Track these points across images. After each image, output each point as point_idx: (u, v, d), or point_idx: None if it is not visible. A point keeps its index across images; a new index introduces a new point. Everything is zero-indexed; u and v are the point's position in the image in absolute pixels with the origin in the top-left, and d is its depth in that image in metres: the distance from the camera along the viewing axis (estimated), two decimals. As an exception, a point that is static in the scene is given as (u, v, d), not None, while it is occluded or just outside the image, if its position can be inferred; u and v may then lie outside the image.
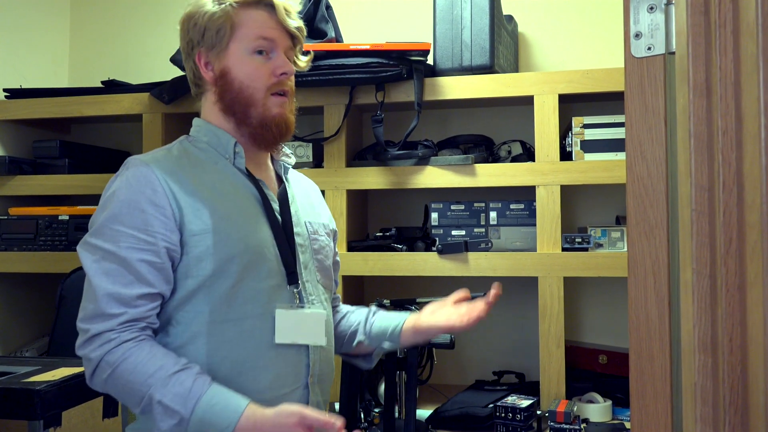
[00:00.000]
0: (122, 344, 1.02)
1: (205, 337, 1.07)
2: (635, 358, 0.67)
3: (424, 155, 1.88)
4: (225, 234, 1.09)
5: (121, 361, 1.01)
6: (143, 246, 1.05)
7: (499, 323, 2.10)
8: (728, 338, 0.52)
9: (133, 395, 1.01)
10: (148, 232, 1.05)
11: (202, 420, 0.99)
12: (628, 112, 0.67)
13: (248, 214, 1.14)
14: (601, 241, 1.85)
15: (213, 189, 1.12)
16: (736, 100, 0.51)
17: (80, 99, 2.10)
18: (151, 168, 1.09)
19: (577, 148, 1.81)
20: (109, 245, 1.05)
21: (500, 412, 1.60)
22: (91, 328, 1.03)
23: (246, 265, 1.09)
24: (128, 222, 1.05)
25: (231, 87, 1.15)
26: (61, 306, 1.92)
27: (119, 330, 1.02)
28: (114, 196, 1.08)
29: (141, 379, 1.00)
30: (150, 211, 1.06)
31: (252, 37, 1.15)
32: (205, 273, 1.07)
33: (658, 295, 0.65)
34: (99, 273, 1.04)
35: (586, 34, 2.09)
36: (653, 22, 0.66)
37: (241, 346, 1.08)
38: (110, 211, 1.07)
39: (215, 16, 1.14)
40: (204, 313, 1.07)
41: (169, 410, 0.98)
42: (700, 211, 0.55)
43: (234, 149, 1.16)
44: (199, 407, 0.99)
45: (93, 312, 1.03)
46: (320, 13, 1.95)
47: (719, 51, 0.53)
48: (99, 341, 1.02)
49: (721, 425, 0.53)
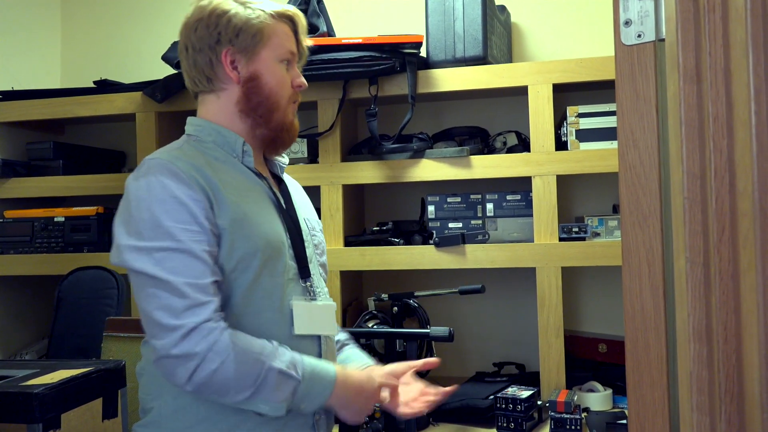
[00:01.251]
0: (225, 331, 1.03)
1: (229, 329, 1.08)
2: (631, 348, 0.66)
3: (419, 148, 1.87)
4: (247, 230, 1.10)
5: (232, 346, 1.02)
6: (201, 237, 1.05)
7: (498, 315, 2.10)
8: (723, 327, 0.51)
9: (249, 376, 1.02)
10: (199, 223, 1.05)
11: (310, 382, 1.07)
12: (619, 100, 0.67)
13: (265, 211, 1.16)
14: (598, 230, 1.84)
15: (231, 186, 1.13)
16: (726, 86, 0.51)
17: (73, 99, 2.09)
18: (176, 165, 1.08)
19: (573, 137, 1.81)
20: (168, 242, 1.03)
21: (501, 403, 1.60)
22: (185, 322, 1.00)
23: (266, 260, 1.12)
24: (177, 217, 1.04)
25: (261, 91, 1.18)
26: (59, 308, 1.92)
27: (216, 318, 1.03)
28: (150, 197, 1.06)
29: (254, 357, 1.03)
30: (191, 204, 1.05)
31: (283, 48, 1.20)
32: (229, 267, 1.09)
33: (653, 284, 0.64)
34: (168, 271, 1.02)
35: (580, 23, 2.08)
36: (643, 9, 0.66)
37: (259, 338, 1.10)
38: (153, 212, 1.04)
39: (253, 21, 1.17)
40: (227, 307, 1.09)
41: (287, 376, 1.05)
42: (692, 199, 0.55)
43: (243, 148, 1.19)
44: (306, 370, 1.07)
45: (183, 305, 1.01)
46: (312, 8, 1.94)
47: (708, 37, 0.52)
48: (200, 333, 1.01)
49: (716, 413, 0.53)
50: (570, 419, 1.55)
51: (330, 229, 1.90)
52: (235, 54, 1.17)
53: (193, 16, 1.19)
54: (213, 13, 1.17)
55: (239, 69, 1.18)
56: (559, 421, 1.56)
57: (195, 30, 1.18)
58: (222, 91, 1.19)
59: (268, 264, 1.12)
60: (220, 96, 1.20)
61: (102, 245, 2.04)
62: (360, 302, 2.10)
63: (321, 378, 1.09)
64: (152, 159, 1.11)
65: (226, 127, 1.19)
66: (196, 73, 1.20)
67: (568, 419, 1.55)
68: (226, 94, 1.19)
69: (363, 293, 2.15)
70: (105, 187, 2.06)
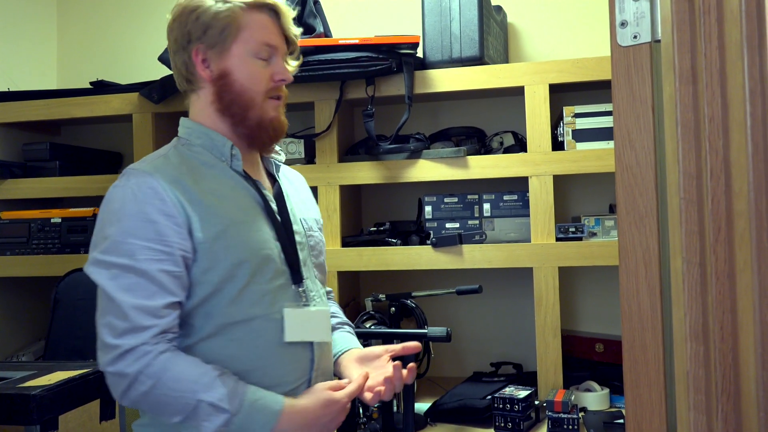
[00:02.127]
0: (160, 355, 1.03)
1: (215, 338, 1.09)
2: (628, 347, 0.67)
3: (416, 149, 1.87)
4: (232, 240, 1.09)
5: (162, 371, 1.02)
6: (161, 257, 1.05)
7: (495, 315, 2.10)
8: (719, 326, 0.52)
9: (178, 403, 1.02)
10: (164, 242, 1.05)
11: (248, 415, 1.03)
12: (616, 102, 0.67)
13: (251, 217, 1.14)
14: (594, 230, 1.85)
15: (215, 194, 1.11)
16: (721, 87, 0.51)
17: (69, 100, 2.09)
18: (155, 177, 1.08)
19: (569, 137, 1.81)
20: (125, 260, 1.04)
21: (498, 403, 1.60)
22: (123, 343, 1.02)
23: (254, 268, 1.10)
24: (142, 234, 1.05)
25: (231, 88, 1.14)
26: (56, 309, 1.91)
27: (153, 342, 1.03)
28: (122, 210, 1.06)
29: (186, 386, 1.02)
30: (162, 221, 1.05)
31: (256, 41, 1.15)
32: (216, 279, 1.08)
33: (650, 284, 0.65)
34: (119, 289, 1.04)
35: (576, 23, 2.08)
36: (638, 10, 0.66)
37: (250, 345, 1.10)
38: (121, 226, 1.05)
39: (221, 15, 1.12)
40: (214, 316, 1.09)
41: (218, 409, 1.02)
42: (688, 200, 0.55)
43: (231, 152, 1.16)
44: (244, 404, 1.03)
45: (124, 327, 1.03)
46: (308, 9, 1.94)
47: (704, 38, 0.53)
48: (134, 355, 1.02)
49: (714, 412, 0.53)
50: (567, 419, 1.55)
51: (327, 229, 1.90)
52: (205, 51, 1.14)
53: (172, 16, 1.17)
54: (185, 11, 1.14)
55: (211, 67, 1.15)
56: (556, 421, 1.56)
57: (172, 31, 1.16)
58: (201, 90, 1.17)
59: (257, 271, 1.11)
60: (200, 95, 1.18)
61: (99, 246, 2.04)
62: (357, 303, 2.10)
63: (263, 411, 1.05)
64: (133, 169, 1.11)
65: (213, 128, 1.17)
66: (178, 74, 1.18)
67: (565, 419, 1.55)
68: (204, 93, 1.17)
69: (360, 294, 2.16)
70: (102, 188, 2.05)
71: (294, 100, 1.95)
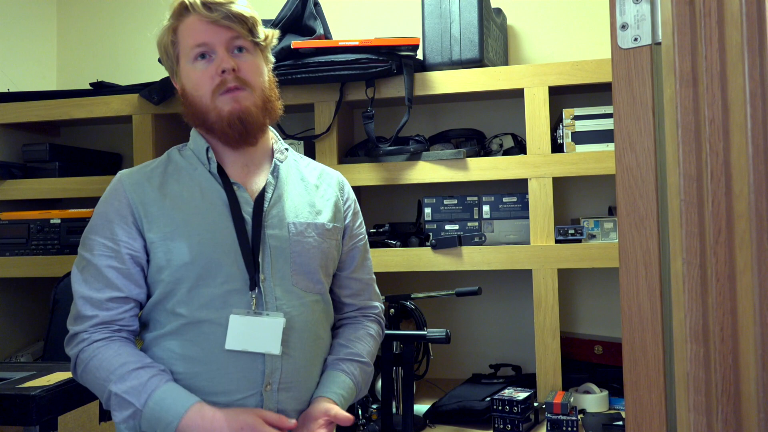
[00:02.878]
0: (93, 343, 1.11)
1: (172, 335, 1.14)
2: (628, 349, 0.67)
3: (415, 150, 1.87)
4: (180, 241, 1.14)
5: (90, 358, 1.11)
6: (109, 253, 1.15)
7: (494, 316, 2.11)
8: (719, 328, 0.52)
9: (99, 390, 1.11)
10: (114, 240, 1.15)
11: (153, 412, 1.06)
12: (616, 104, 0.67)
13: (209, 220, 1.16)
14: (594, 232, 1.85)
15: (176, 198, 1.18)
16: (722, 90, 0.51)
17: (69, 101, 2.09)
18: (121, 181, 1.20)
19: (569, 139, 1.81)
20: (87, 254, 1.16)
21: (497, 405, 1.60)
22: (71, 329, 1.14)
23: (201, 270, 1.13)
24: (100, 232, 1.16)
25: (188, 101, 1.21)
26: (55, 310, 1.91)
27: (92, 331, 1.12)
28: (95, 209, 1.20)
29: (104, 375, 1.09)
30: (116, 220, 1.16)
31: (188, 47, 1.17)
32: (167, 279, 1.14)
33: (650, 285, 0.65)
34: (80, 280, 1.15)
35: (576, 26, 2.09)
36: (639, 12, 0.66)
37: (197, 348, 1.12)
38: (90, 223, 1.19)
39: (162, 42, 1.22)
40: (171, 314, 1.14)
41: (124, 402, 1.07)
42: (689, 201, 0.55)
43: (207, 155, 1.21)
44: (151, 400, 1.06)
45: (74, 314, 1.15)
46: (308, 10, 1.94)
47: (704, 41, 0.53)
48: (75, 341, 1.13)
49: (714, 414, 0.53)
50: (566, 421, 1.55)
51: (327, 231, 1.90)
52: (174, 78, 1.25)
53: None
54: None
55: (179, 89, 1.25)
56: (555, 423, 1.56)
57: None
58: None
59: (205, 274, 1.13)
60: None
61: (98, 247, 2.04)
62: (357, 304, 2.10)
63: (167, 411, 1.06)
64: (119, 172, 1.24)
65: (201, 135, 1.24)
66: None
67: (564, 421, 1.55)
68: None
69: (360, 295, 2.15)
70: (101, 189, 2.03)
71: (294, 101, 1.96)
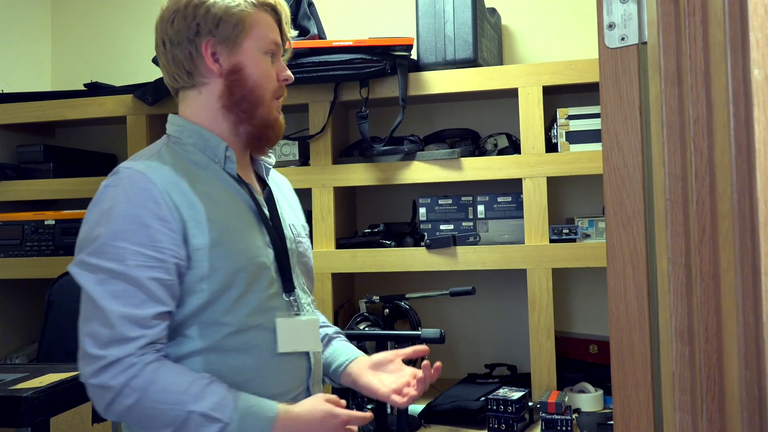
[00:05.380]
0: (146, 367, 0.98)
1: (210, 349, 1.06)
2: (616, 348, 0.67)
3: (410, 150, 1.87)
4: (228, 247, 1.06)
5: (149, 384, 0.97)
6: (153, 263, 1.00)
7: (489, 316, 2.11)
8: (704, 327, 0.52)
9: (165, 416, 0.98)
10: (157, 248, 1.00)
11: (242, 423, 1.00)
12: (604, 103, 0.67)
13: (245, 224, 1.11)
14: (588, 232, 1.85)
15: (210, 198, 1.07)
16: (706, 89, 0.52)
17: (63, 102, 2.09)
18: (150, 178, 1.03)
19: (563, 139, 1.81)
20: (114, 264, 0.99)
21: (492, 404, 1.60)
22: (108, 354, 0.97)
23: (251, 277, 1.07)
24: (133, 239, 0.99)
25: (244, 83, 1.11)
26: (50, 311, 1.91)
27: (139, 354, 0.98)
28: (112, 211, 1.01)
29: (174, 397, 0.98)
30: (155, 225, 1.00)
31: (266, 39, 1.13)
32: (213, 287, 1.04)
33: (637, 285, 0.65)
34: (106, 295, 0.98)
35: (570, 25, 2.09)
36: (626, 12, 0.66)
37: (245, 356, 1.07)
38: (110, 228, 1.00)
39: (234, 9, 1.10)
40: (209, 326, 1.05)
41: (210, 420, 0.98)
42: (674, 201, 0.55)
43: (225, 153, 1.12)
44: (236, 412, 0.99)
45: (109, 337, 0.97)
46: (302, 10, 1.94)
47: (689, 40, 0.53)
48: (120, 367, 0.97)
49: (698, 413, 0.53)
50: (561, 420, 1.55)
51: (321, 231, 1.90)
52: (215, 45, 1.10)
53: (169, 8, 1.12)
54: (190, 4, 1.10)
55: (221, 61, 1.11)
56: (550, 422, 1.56)
57: (171, 22, 1.11)
58: (203, 86, 1.13)
59: (253, 280, 1.08)
60: (202, 91, 1.13)
61: (93, 248, 2.03)
62: (352, 304, 2.10)
63: (257, 418, 1.01)
64: (128, 168, 1.05)
65: (209, 128, 1.13)
66: (176, 68, 1.13)
67: (558, 420, 1.55)
68: (207, 89, 1.13)
69: (355, 295, 2.15)
70: (96, 190, 2.04)
71: (288, 101, 1.94)
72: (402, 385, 1.17)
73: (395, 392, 1.16)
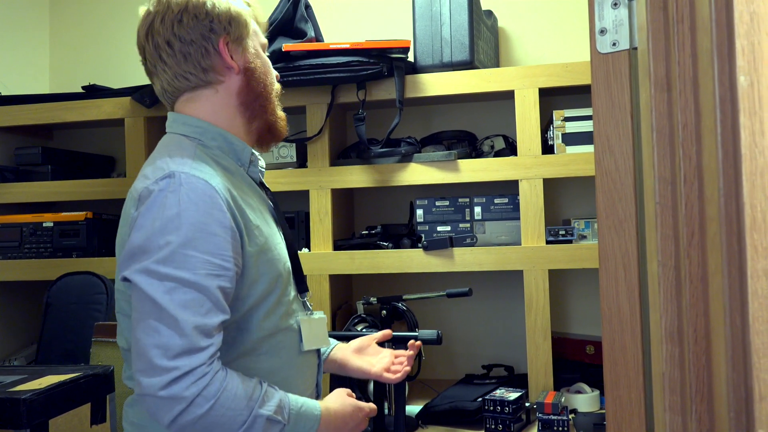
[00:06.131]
0: (216, 375, 0.97)
1: (246, 354, 1.07)
2: (608, 349, 0.68)
3: (407, 152, 1.88)
4: (270, 254, 1.08)
5: (221, 391, 0.97)
6: (219, 272, 0.98)
7: (486, 317, 2.12)
8: (693, 328, 0.53)
9: (234, 422, 0.98)
10: (223, 257, 0.99)
11: (295, 423, 1.05)
12: (596, 108, 0.68)
13: (273, 229, 1.13)
14: (584, 233, 1.86)
15: (249, 204, 1.07)
16: (694, 95, 0.52)
17: (61, 105, 2.09)
18: (211, 185, 1.00)
19: (559, 141, 1.82)
20: (185, 273, 0.96)
21: (489, 405, 1.61)
22: (180, 365, 0.94)
23: (284, 282, 1.11)
24: (202, 247, 0.97)
25: (258, 81, 1.14)
26: (48, 313, 1.91)
27: (209, 362, 0.97)
28: (180, 217, 0.97)
29: (244, 403, 0.99)
30: (221, 233, 0.99)
31: (261, 38, 1.19)
32: (259, 293, 1.06)
33: (629, 287, 0.66)
34: (177, 305, 0.95)
35: (566, 28, 2.10)
36: (617, 18, 0.67)
37: (275, 358, 1.10)
38: (181, 235, 0.97)
39: (240, 9, 1.13)
40: (248, 331, 1.07)
41: (273, 422, 1.01)
42: (663, 204, 0.56)
43: (250, 158, 1.14)
44: (291, 413, 1.04)
45: (181, 348, 0.95)
46: (299, 13, 1.95)
47: (678, 46, 0.54)
48: (193, 377, 0.95)
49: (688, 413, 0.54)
50: (557, 420, 1.56)
51: (319, 233, 1.91)
52: (230, 43, 1.11)
53: (171, 8, 1.10)
54: (198, 3, 1.10)
55: (235, 58, 1.12)
56: (546, 423, 1.57)
57: (180, 21, 1.09)
58: (220, 83, 1.12)
59: (286, 285, 1.12)
60: (218, 89, 1.12)
61: (91, 250, 2.04)
62: (349, 306, 2.11)
63: (306, 418, 1.06)
64: (182, 172, 1.00)
65: (227, 128, 1.12)
66: (189, 68, 1.10)
67: (555, 420, 1.56)
68: (224, 86, 1.12)
69: (352, 297, 2.16)
70: (94, 192, 2.06)
71: (286, 103, 1.95)
72: (388, 364, 1.31)
73: (386, 371, 1.30)
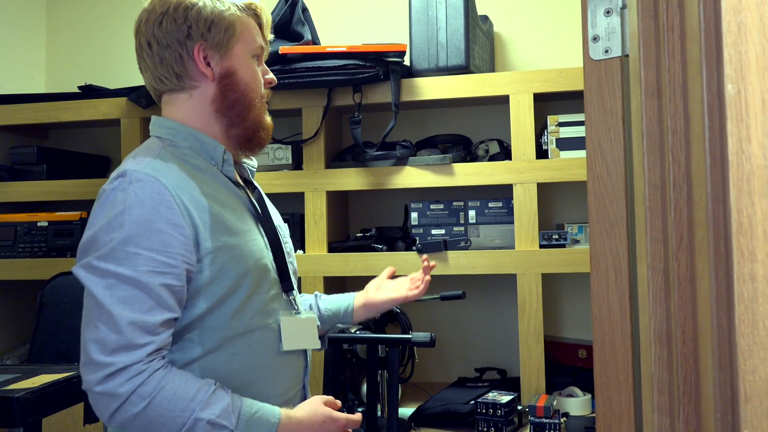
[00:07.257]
0: (154, 374, 0.96)
1: (215, 353, 1.06)
2: (599, 351, 0.69)
3: (402, 155, 1.89)
4: (236, 250, 1.06)
5: (157, 391, 0.96)
6: (164, 269, 0.98)
7: (479, 320, 2.12)
8: (681, 331, 0.54)
9: (173, 423, 0.97)
10: (169, 254, 0.99)
11: (248, 427, 1.01)
12: (588, 113, 0.69)
13: (248, 226, 1.12)
14: (577, 237, 1.87)
15: (216, 201, 1.07)
16: (683, 102, 0.54)
17: (57, 104, 2.09)
18: (161, 182, 1.01)
19: (553, 146, 1.84)
20: (124, 270, 0.97)
21: (481, 408, 1.62)
22: (115, 361, 0.95)
23: (256, 279, 1.09)
24: (146, 244, 0.98)
25: (237, 87, 1.12)
26: (41, 313, 1.91)
27: (147, 360, 0.96)
28: (124, 214, 0.98)
29: (183, 404, 0.97)
30: (168, 231, 0.99)
31: (254, 43, 1.15)
32: (221, 291, 1.05)
33: (619, 290, 0.67)
34: (115, 301, 0.96)
35: (561, 34, 2.12)
36: (610, 25, 0.68)
37: (250, 357, 1.09)
38: (123, 232, 0.98)
39: (225, 14, 1.11)
40: (215, 329, 1.05)
41: (217, 426, 0.98)
42: (653, 209, 0.57)
43: (223, 156, 1.12)
44: (242, 418, 1.00)
45: (117, 344, 0.95)
46: (296, 16, 1.96)
47: (668, 54, 0.55)
48: (127, 374, 0.95)
49: (676, 414, 0.55)
50: (549, 424, 1.57)
51: (314, 235, 1.92)
52: (207, 50, 1.10)
53: (155, 9, 1.11)
54: (180, 6, 1.10)
55: (212, 65, 1.11)
56: (538, 426, 1.58)
57: (159, 24, 1.09)
58: (194, 89, 1.12)
59: (258, 282, 1.09)
60: (193, 94, 1.12)
61: (85, 250, 2.04)
62: (343, 308, 2.11)
63: (260, 424, 1.02)
64: (135, 170, 1.02)
65: (203, 130, 1.12)
66: (163, 71, 1.11)
67: (547, 424, 1.57)
68: (199, 92, 1.12)
69: (347, 299, 2.17)
70: (89, 192, 2.06)
71: (282, 106, 1.98)
72: (409, 285, 1.38)
73: (409, 290, 1.37)
